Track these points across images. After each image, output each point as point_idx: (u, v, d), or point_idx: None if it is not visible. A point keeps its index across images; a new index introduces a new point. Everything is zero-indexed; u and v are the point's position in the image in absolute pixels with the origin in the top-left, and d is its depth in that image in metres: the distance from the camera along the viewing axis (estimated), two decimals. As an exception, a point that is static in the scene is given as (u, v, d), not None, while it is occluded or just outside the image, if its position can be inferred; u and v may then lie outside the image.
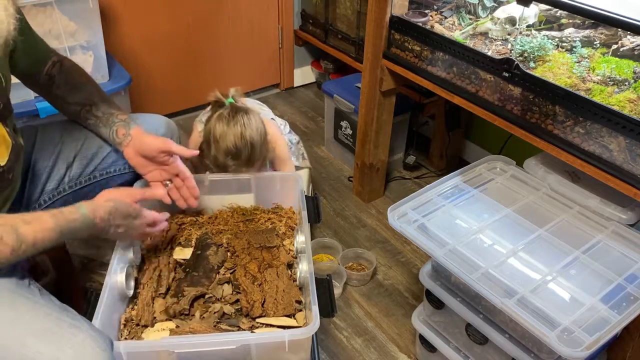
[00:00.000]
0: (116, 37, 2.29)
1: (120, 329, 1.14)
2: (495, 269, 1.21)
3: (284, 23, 2.76)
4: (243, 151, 1.46)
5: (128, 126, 1.26)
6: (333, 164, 2.42)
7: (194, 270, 1.25)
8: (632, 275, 1.20)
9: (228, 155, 1.46)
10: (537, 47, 1.40)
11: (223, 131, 1.45)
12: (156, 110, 2.32)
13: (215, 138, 1.46)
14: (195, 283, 1.21)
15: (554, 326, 1.08)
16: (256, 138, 1.47)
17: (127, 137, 1.26)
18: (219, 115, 1.48)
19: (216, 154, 1.48)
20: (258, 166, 1.53)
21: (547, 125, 1.36)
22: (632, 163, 1.20)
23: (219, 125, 1.46)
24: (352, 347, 1.63)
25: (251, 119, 1.49)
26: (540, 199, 1.41)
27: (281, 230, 1.37)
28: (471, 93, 1.53)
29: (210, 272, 1.24)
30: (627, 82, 1.29)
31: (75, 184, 1.32)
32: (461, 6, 1.71)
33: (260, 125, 1.51)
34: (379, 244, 1.99)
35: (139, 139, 1.25)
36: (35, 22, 1.75)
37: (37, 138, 1.30)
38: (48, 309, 0.95)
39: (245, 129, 1.46)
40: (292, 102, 2.87)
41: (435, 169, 2.36)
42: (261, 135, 1.50)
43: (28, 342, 0.89)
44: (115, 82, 1.98)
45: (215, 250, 1.29)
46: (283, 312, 1.15)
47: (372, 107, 1.92)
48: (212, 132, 1.47)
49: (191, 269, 1.25)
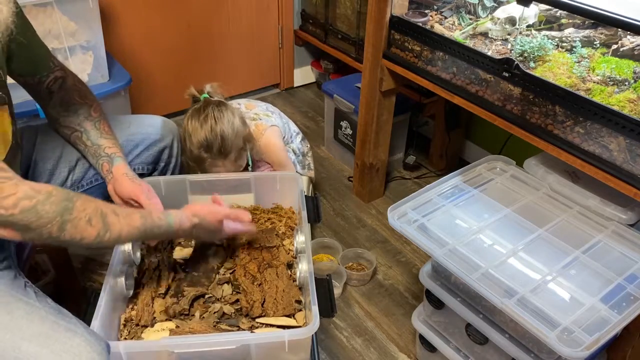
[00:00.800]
0: (116, 37, 2.29)
1: (120, 329, 1.14)
2: (495, 269, 1.21)
3: (284, 23, 2.76)
4: (214, 144, 1.53)
5: (111, 163, 1.26)
6: (333, 164, 2.42)
7: (193, 270, 1.25)
8: (632, 275, 1.20)
9: (200, 148, 1.54)
10: (537, 47, 1.40)
11: (194, 126, 1.54)
12: (156, 110, 2.33)
13: (188, 132, 1.55)
14: (195, 283, 1.21)
15: (554, 326, 1.08)
16: (227, 130, 1.54)
17: (109, 174, 1.26)
18: (192, 111, 1.56)
19: (190, 147, 1.55)
20: (234, 158, 1.59)
21: (547, 125, 1.36)
22: (632, 163, 1.20)
23: (191, 120, 1.55)
24: (352, 347, 1.63)
25: (223, 112, 1.55)
26: (540, 199, 1.41)
27: (281, 230, 1.37)
28: (471, 93, 1.53)
29: (210, 272, 1.24)
30: (627, 82, 1.29)
31: (76, 188, 1.32)
32: (461, 6, 1.70)
33: (232, 118, 1.57)
34: (379, 244, 1.99)
35: (118, 179, 1.24)
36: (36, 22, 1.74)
37: (37, 139, 1.30)
38: (44, 312, 0.94)
39: (216, 122, 1.53)
40: (292, 102, 2.87)
41: (435, 169, 2.36)
42: (234, 127, 1.56)
43: (23, 347, 0.88)
44: (115, 82, 1.98)
45: (215, 250, 1.29)
46: (283, 312, 1.15)
47: (372, 107, 1.92)
48: (185, 127, 1.55)
49: (191, 269, 1.25)
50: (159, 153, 1.42)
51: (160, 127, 1.42)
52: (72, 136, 1.28)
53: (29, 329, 0.90)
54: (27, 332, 0.90)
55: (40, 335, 0.90)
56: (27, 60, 1.18)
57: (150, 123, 1.43)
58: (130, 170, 1.27)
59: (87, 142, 1.27)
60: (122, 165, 1.26)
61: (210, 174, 1.53)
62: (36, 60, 1.21)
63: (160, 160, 1.43)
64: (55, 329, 0.91)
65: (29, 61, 1.19)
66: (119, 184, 1.24)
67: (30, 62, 1.20)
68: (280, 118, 1.94)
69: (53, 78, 1.25)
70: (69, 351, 0.88)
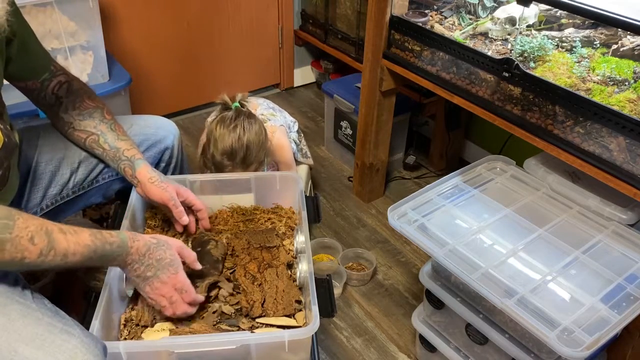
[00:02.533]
0: (116, 37, 2.29)
1: (120, 329, 1.14)
2: (495, 269, 1.21)
3: (284, 23, 2.76)
4: (239, 153, 1.54)
5: (133, 167, 1.26)
6: (333, 164, 2.42)
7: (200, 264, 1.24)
8: (632, 275, 1.20)
9: (224, 155, 1.54)
10: (537, 47, 1.40)
11: (222, 133, 1.54)
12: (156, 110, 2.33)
13: (215, 138, 1.55)
14: (205, 274, 1.21)
15: (554, 326, 1.08)
16: (253, 142, 1.55)
17: (134, 179, 1.26)
18: (222, 118, 1.57)
19: (214, 153, 1.55)
20: (254, 168, 1.60)
21: (547, 125, 1.36)
22: (632, 163, 1.20)
23: (220, 126, 1.55)
24: (352, 347, 1.63)
25: (252, 124, 1.57)
26: (540, 199, 1.41)
27: (281, 230, 1.37)
28: (471, 93, 1.53)
29: (216, 263, 1.24)
30: (627, 82, 1.29)
31: (78, 189, 1.32)
32: (461, 6, 1.71)
33: (260, 131, 1.58)
34: (379, 244, 1.99)
35: (145, 185, 1.25)
36: (36, 22, 1.75)
37: (39, 141, 1.29)
38: (40, 314, 0.93)
39: (244, 132, 1.54)
40: (292, 102, 2.87)
41: (435, 169, 2.36)
42: (260, 140, 1.57)
43: (19, 349, 0.87)
44: (115, 82, 1.98)
45: (215, 244, 1.29)
46: (283, 312, 1.15)
47: (372, 107, 1.92)
48: (213, 132, 1.56)
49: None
50: (160, 154, 1.42)
51: (162, 127, 1.42)
52: (88, 140, 1.27)
53: (24, 331, 0.89)
54: (23, 334, 0.89)
55: (36, 337, 0.89)
56: (26, 62, 1.17)
57: (152, 124, 1.43)
58: (154, 171, 1.26)
59: (104, 145, 1.27)
60: (145, 168, 1.26)
61: (210, 174, 1.52)
62: (36, 62, 1.20)
63: (161, 160, 1.43)
64: (51, 330, 0.90)
65: (29, 63, 1.18)
66: (147, 190, 1.25)
67: (29, 65, 1.19)
68: (280, 112, 1.96)
69: (57, 83, 1.24)
70: (65, 353, 0.88)
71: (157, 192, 1.24)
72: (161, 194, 1.24)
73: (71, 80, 1.27)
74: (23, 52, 1.14)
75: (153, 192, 1.24)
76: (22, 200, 1.24)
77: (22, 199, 1.24)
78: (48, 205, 1.29)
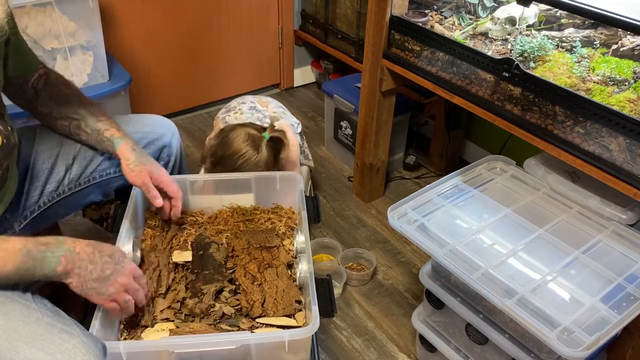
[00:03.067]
0: (116, 37, 2.29)
1: (120, 329, 1.14)
2: (495, 269, 1.21)
3: (284, 23, 2.76)
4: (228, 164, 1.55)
5: (113, 146, 1.26)
6: (333, 164, 2.42)
7: (203, 269, 1.24)
8: (632, 275, 1.20)
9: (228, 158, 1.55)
10: (537, 47, 1.40)
11: (239, 144, 1.56)
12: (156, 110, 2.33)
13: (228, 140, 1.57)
14: (210, 280, 1.21)
15: (554, 326, 1.08)
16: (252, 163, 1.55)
17: (116, 158, 1.27)
18: (248, 135, 1.57)
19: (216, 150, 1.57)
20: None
21: (547, 125, 1.36)
22: (632, 163, 1.20)
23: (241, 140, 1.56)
24: (352, 347, 1.63)
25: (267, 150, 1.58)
26: (540, 199, 1.41)
27: (281, 230, 1.37)
28: (471, 93, 1.53)
29: (220, 268, 1.24)
30: (627, 82, 1.29)
31: (74, 186, 1.32)
32: (461, 6, 1.71)
33: (270, 158, 1.59)
34: (379, 244, 1.99)
35: (122, 167, 1.26)
36: (36, 22, 1.75)
37: (36, 139, 1.29)
38: (39, 314, 0.93)
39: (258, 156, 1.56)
40: (292, 102, 2.86)
41: (435, 169, 2.36)
42: (265, 163, 1.58)
43: (19, 348, 0.87)
44: (115, 82, 1.98)
45: (217, 247, 1.29)
46: (283, 312, 1.15)
47: (372, 107, 1.92)
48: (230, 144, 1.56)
49: (200, 269, 1.25)
50: (158, 151, 1.42)
51: (159, 125, 1.42)
52: (72, 126, 1.27)
53: (24, 330, 0.90)
54: (23, 333, 0.89)
55: (35, 337, 0.89)
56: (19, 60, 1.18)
57: (149, 122, 1.43)
58: (132, 151, 1.26)
59: (86, 129, 1.27)
60: (124, 147, 1.26)
61: (210, 174, 1.52)
62: (27, 60, 1.22)
63: (160, 159, 1.43)
64: (51, 330, 0.91)
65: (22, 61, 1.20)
66: (124, 171, 1.26)
67: (22, 63, 1.20)
68: (285, 112, 1.95)
69: (37, 76, 1.25)
70: (64, 353, 0.88)
71: (131, 175, 1.25)
72: (134, 178, 1.25)
73: (49, 72, 1.27)
74: (17, 51, 1.15)
75: (127, 174, 1.25)
76: (21, 199, 1.24)
77: (21, 197, 1.25)
78: (45, 203, 1.29)
